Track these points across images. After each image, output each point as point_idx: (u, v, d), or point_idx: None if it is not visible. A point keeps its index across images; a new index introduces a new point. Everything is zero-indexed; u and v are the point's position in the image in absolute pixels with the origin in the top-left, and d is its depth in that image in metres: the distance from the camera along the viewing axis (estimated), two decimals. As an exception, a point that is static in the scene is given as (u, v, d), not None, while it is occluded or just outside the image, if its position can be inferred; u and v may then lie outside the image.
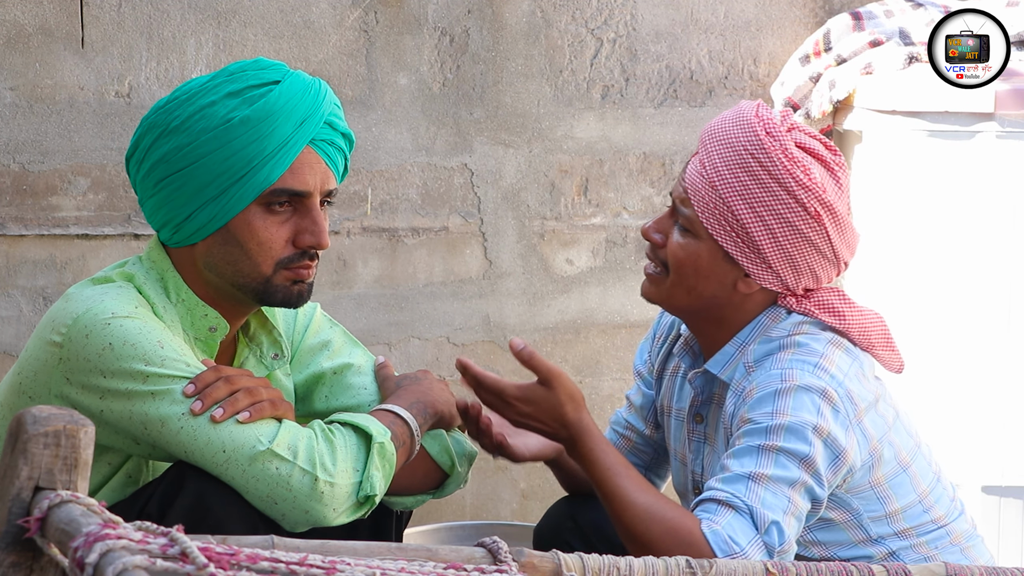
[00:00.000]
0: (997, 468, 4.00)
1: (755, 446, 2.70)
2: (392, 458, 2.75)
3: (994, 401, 4.01)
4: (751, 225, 2.80)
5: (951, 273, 4.01)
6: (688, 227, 2.84)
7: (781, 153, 2.79)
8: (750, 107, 2.85)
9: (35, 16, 4.14)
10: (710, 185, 2.81)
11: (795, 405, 2.72)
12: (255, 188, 2.73)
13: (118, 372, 2.67)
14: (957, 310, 4.01)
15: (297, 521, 2.68)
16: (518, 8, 4.30)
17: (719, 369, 2.88)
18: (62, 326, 2.71)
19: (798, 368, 2.76)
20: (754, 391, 2.77)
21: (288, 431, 2.69)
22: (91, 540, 1.78)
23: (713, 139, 2.84)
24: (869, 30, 4.24)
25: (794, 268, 2.83)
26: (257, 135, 2.72)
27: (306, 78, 2.80)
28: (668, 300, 2.90)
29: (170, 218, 2.77)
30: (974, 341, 4.00)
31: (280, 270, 2.77)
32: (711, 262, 2.84)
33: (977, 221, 3.99)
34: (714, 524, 2.64)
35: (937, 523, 2.89)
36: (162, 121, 2.75)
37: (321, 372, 2.97)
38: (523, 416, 2.74)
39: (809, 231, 2.80)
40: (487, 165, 4.33)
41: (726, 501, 2.66)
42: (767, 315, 2.88)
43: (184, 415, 2.66)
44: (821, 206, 2.80)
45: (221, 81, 2.76)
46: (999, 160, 3.98)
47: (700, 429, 2.97)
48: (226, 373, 2.70)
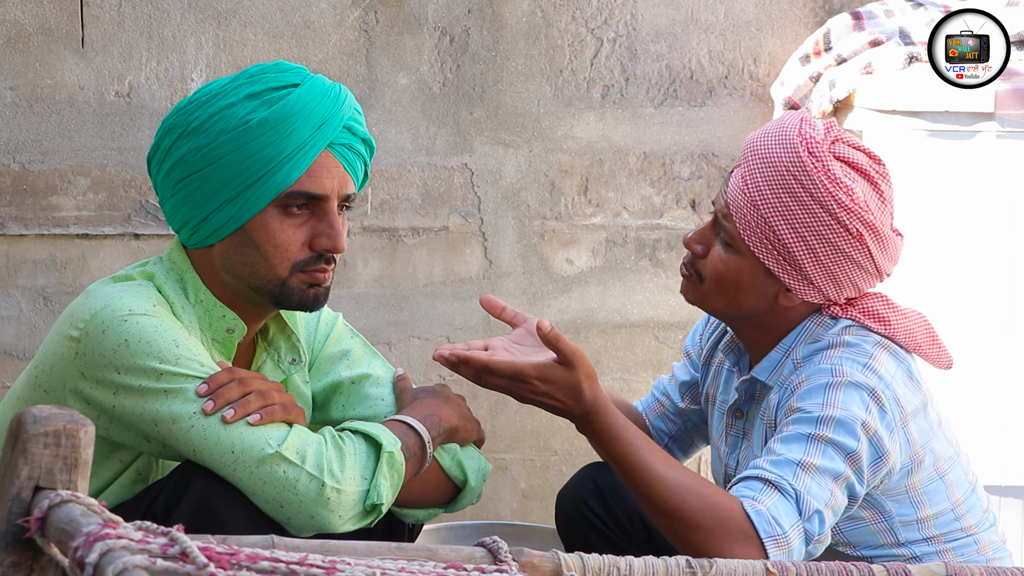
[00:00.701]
0: (997, 468, 4.00)
1: (805, 434, 2.71)
2: (401, 468, 2.75)
3: (994, 401, 4.01)
4: (792, 245, 2.81)
5: (951, 273, 4.01)
6: (730, 242, 2.86)
7: (823, 175, 2.79)
8: (793, 123, 2.85)
9: (35, 16, 4.14)
10: (751, 203, 2.82)
11: (846, 400, 2.73)
12: (272, 190, 2.74)
13: (132, 369, 2.68)
14: (957, 310, 4.01)
15: (302, 526, 2.68)
16: (518, 8, 4.30)
17: (767, 376, 2.91)
18: (80, 321, 2.73)
19: (848, 365, 2.78)
20: (803, 383, 2.78)
21: (298, 435, 2.69)
22: (91, 540, 1.78)
23: (756, 156, 2.85)
24: (869, 30, 4.24)
25: (836, 283, 2.85)
26: (275, 137, 2.73)
27: (326, 82, 2.81)
28: (705, 304, 2.92)
29: (189, 218, 2.78)
30: (974, 341, 4.00)
31: (296, 273, 2.78)
32: (752, 277, 2.85)
33: (977, 221, 4.00)
34: (758, 504, 2.64)
35: (967, 532, 2.90)
36: (182, 122, 2.77)
37: (339, 381, 2.97)
38: (539, 394, 2.73)
39: (851, 250, 2.82)
40: (487, 165, 4.33)
41: (774, 482, 2.66)
42: (812, 320, 2.90)
43: (195, 414, 2.67)
44: (864, 226, 2.81)
45: (241, 83, 2.77)
46: (999, 160, 3.98)
47: (739, 424, 2.99)
48: (240, 375, 2.71)
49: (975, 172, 3.98)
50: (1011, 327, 4.00)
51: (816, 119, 2.89)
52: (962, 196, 3.99)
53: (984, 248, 4.00)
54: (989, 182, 3.98)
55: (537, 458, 4.38)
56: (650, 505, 2.68)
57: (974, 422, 4.01)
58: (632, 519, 3.07)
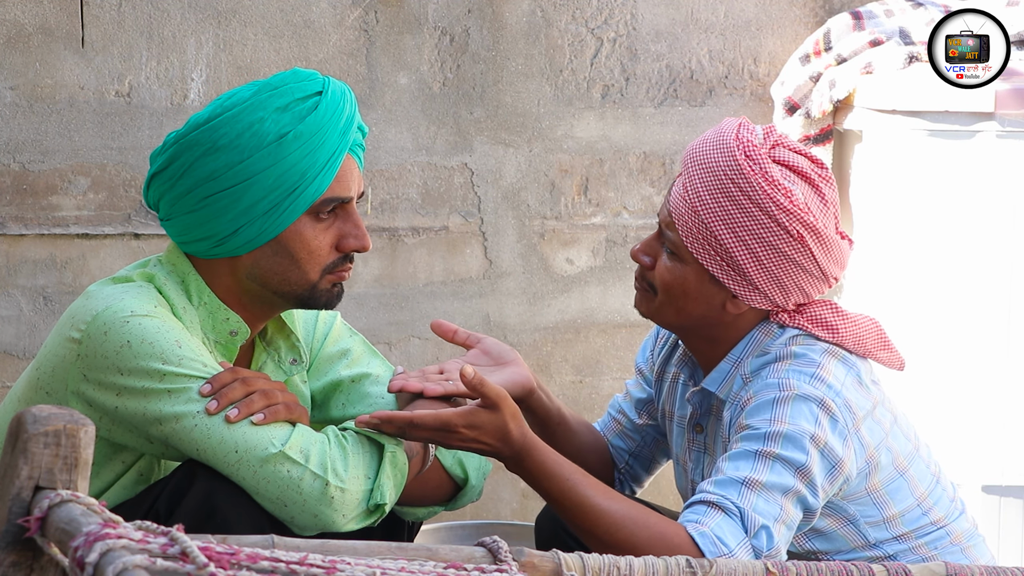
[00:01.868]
0: (997, 468, 4.00)
1: (752, 451, 2.70)
2: (404, 468, 2.76)
3: (994, 401, 4.01)
4: (734, 249, 2.80)
5: (951, 273, 4.01)
6: (674, 250, 2.85)
7: (761, 177, 2.79)
8: (731, 128, 2.85)
9: (35, 16, 4.14)
10: (692, 210, 2.82)
11: (793, 414, 2.72)
12: (307, 200, 2.75)
13: (135, 370, 2.68)
14: (957, 310, 4.00)
15: (306, 525, 2.69)
16: (518, 8, 4.30)
17: (716, 387, 2.89)
18: (81, 323, 2.72)
19: (795, 377, 2.76)
20: (752, 399, 2.77)
21: (301, 435, 2.70)
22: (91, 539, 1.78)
23: (694, 162, 2.84)
24: (869, 30, 4.24)
25: (781, 288, 2.83)
26: (310, 148, 2.74)
27: (340, 85, 2.82)
28: (657, 317, 2.91)
29: (212, 234, 2.77)
30: (974, 341, 4.00)
31: (325, 275, 2.80)
32: (698, 285, 2.84)
33: (977, 221, 3.99)
34: (701, 526, 2.63)
35: (936, 524, 2.89)
36: (206, 139, 2.74)
37: (339, 380, 2.98)
38: (467, 440, 2.72)
39: (793, 252, 2.80)
40: (487, 165, 4.33)
41: (716, 503, 2.66)
42: (760, 330, 2.88)
43: (199, 414, 2.67)
44: (804, 228, 2.79)
45: (266, 96, 2.76)
46: (999, 160, 3.97)
47: (700, 439, 2.98)
48: (243, 375, 2.72)
49: (975, 172, 3.98)
50: (1011, 327, 4.00)
51: (755, 125, 2.89)
52: (962, 196, 3.99)
53: (984, 248, 3.99)
54: (989, 182, 3.98)
55: (537, 458, 4.39)
56: (596, 540, 2.67)
57: (974, 422, 4.01)
58: None
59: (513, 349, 3.04)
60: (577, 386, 4.41)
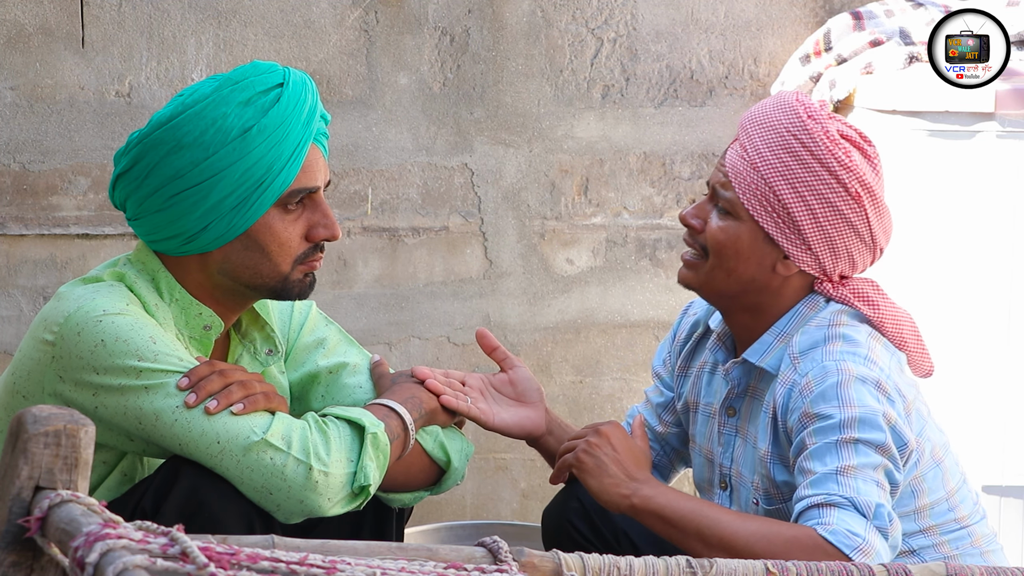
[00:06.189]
0: (997, 468, 4.00)
1: (832, 442, 2.72)
2: (386, 449, 2.76)
3: (994, 401, 4.01)
4: (793, 205, 2.83)
5: (951, 273, 4.01)
6: (729, 209, 2.87)
7: (823, 134, 2.83)
8: (791, 94, 2.90)
9: (35, 16, 4.14)
10: (752, 167, 2.85)
11: (859, 396, 2.74)
12: (275, 192, 2.76)
13: (111, 368, 2.68)
14: (957, 310, 4.01)
15: (292, 511, 2.69)
16: (518, 8, 4.30)
17: (758, 358, 2.90)
18: (54, 325, 2.72)
19: (850, 360, 2.79)
20: (811, 384, 2.78)
21: (282, 422, 2.71)
22: (91, 540, 1.78)
23: (754, 123, 2.88)
24: (869, 30, 4.24)
25: (833, 250, 2.85)
26: (275, 141, 2.74)
27: (300, 75, 2.82)
28: (707, 284, 2.91)
29: (180, 231, 2.77)
30: (974, 341, 4.00)
31: (296, 266, 2.81)
32: (751, 243, 2.86)
33: (977, 221, 4.00)
34: (827, 525, 2.64)
35: (960, 523, 2.90)
36: (170, 137, 2.74)
37: (316, 371, 2.98)
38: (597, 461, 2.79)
39: (849, 212, 2.84)
40: (487, 165, 4.33)
41: (824, 502, 2.67)
42: (805, 304, 2.90)
43: (178, 408, 2.67)
44: (862, 187, 2.83)
45: (228, 91, 2.75)
46: (999, 160, 3.98)
47: (732, 422, 2.99)
48: (220, 367, 2.72)
49: (975, 172, 3.98)
50: (1011, 327, 4.00)
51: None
52: (962, 196, 3.99)
53: (984, 248, 4.00)
54: (989, 182, 3.98)
55: (537, 458, 4.38)
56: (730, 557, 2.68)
57: (974, 422, 4.01)
58: (618, 537, 3.06)
59: (541, 390, 3.07)
60: (577, 386, 4.41)
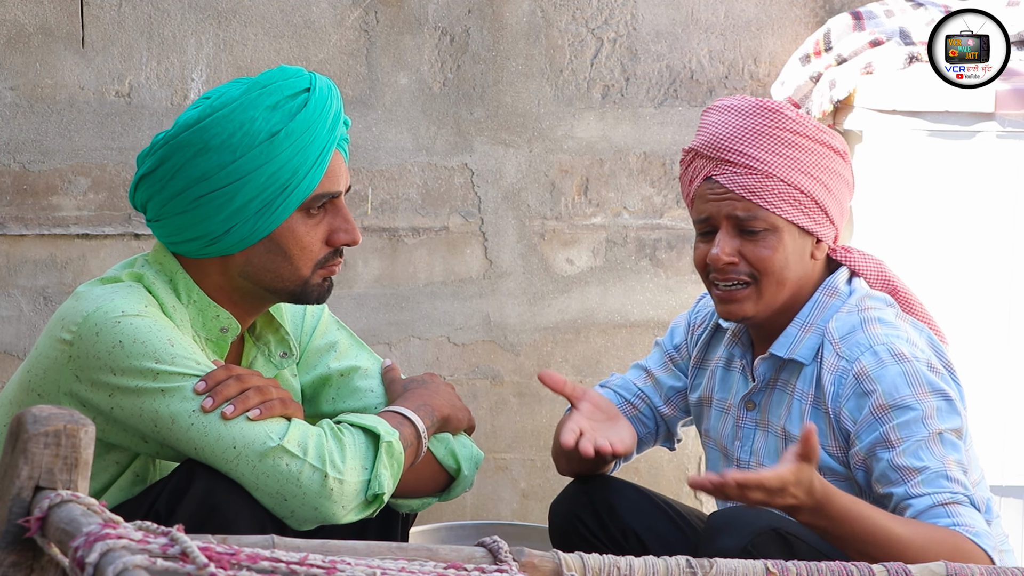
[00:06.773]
0: (997, 468, 4.00)
1: (923, 437, 2.79)
2: (400, 457, 2.77)
3: (994, 401, 4.01)
4: (808, 185, 2.92)
5: (951, 273, 4.01)
6: (764, 227, 2.92)
7: (792, 112, 2.93)
8: (750, 101, 2.97)
9: (35, 16, 4.14)
10: (763, 175, 2.91)
11: (926, 379, 2.83)
12: (299, 196, 2.77)
13: (128, 370, 2.68)
14: (957, 310, 4.01)
15: (306, 518, 2.69)
16: (518, 8, 4.30)
17: (786, 351, 2.94)
18: (72, 324, 2.72)
19: (896, 341, 2.87)
20: (866, 370, 2.85)
21: (298, 429, 2.71)
22: (91, 540, 1.78)
23: (736, 138, 2.94)
24: (869, 30, 4.24)
25: (841, 212, 2.97)
26: (301, 145, 2.76)
27: (325, 81, 2.83)
28: (765, 306, 2.94)
29: (203, 234, 2.77)
30: (974, 341, 4.00)
31: (316, 270, 2.82)
32: (793, 244, 2.93)
33: (977, 221, 3.99)
34: (970, 527, 2.72)
35: None
36: (197, 139, 2.74)
37: (328, 374, 2.98)
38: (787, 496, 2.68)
39: (842, 170, 2.96)
40: (487, 165, 4.33)
41: (951, 500, 2.75)
42: (823, 292, 2.96)
43: (195, 412, 2.67)
44: (842, 145, 2.96)
45: (256, 95, 2.76)
46: (999, 160, 3.98)
47: (752, 416, 3.01)
48: (236, 372, 2.72)
49: (975, 172, 3.98)
50: (1011, 327, 4.00)
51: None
52: (962, 196, 3.99)
53: (984, 248, 4.00)
54: (989, 182, 3.98)
55: (537, 458, 4.38)
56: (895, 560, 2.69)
57: (974, 422, 4.01)
58: (626, 534, 3.06)
59: (611, 401, 3.11)
60: (577, 386, 4.41)
